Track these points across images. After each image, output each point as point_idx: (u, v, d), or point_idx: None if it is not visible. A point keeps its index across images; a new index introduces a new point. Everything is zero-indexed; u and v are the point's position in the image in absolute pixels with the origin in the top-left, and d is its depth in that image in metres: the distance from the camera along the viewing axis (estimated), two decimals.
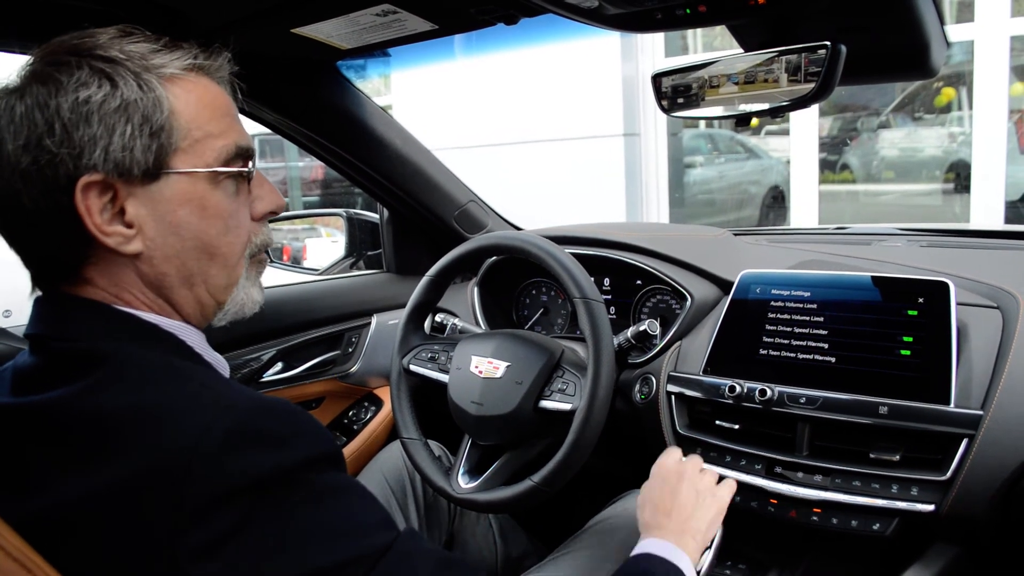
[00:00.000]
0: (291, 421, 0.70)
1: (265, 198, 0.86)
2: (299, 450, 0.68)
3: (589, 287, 1.26)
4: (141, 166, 0.74)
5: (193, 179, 0.77)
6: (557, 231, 1.77)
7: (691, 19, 1.01)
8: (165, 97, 0.75)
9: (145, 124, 0.73)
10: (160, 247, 0.77)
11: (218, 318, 0.86)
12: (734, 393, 1.28)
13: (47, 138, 0.71)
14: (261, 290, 0.89)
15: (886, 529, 1.14)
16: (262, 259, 0.89)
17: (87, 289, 0.77)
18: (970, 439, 1.10)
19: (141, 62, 0.75)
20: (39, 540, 0.65)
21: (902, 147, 5.93)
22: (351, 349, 1.88)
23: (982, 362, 1.16)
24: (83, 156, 0.71)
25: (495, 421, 1.29)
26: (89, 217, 0.72)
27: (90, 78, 0.72)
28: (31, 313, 0.78)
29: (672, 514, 1.10)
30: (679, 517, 1.09)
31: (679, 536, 1.07)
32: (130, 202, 0.74)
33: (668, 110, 1.15)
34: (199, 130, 0.77)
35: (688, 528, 1.08)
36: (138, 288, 0.78)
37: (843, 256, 1.49)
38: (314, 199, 9.01)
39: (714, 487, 1.15)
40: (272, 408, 0.69)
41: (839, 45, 0.96)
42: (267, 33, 1.35)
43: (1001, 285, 1.27)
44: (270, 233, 0.89)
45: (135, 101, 0.73)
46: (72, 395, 0.69)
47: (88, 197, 0.72)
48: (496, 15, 1.21)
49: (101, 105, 0.72)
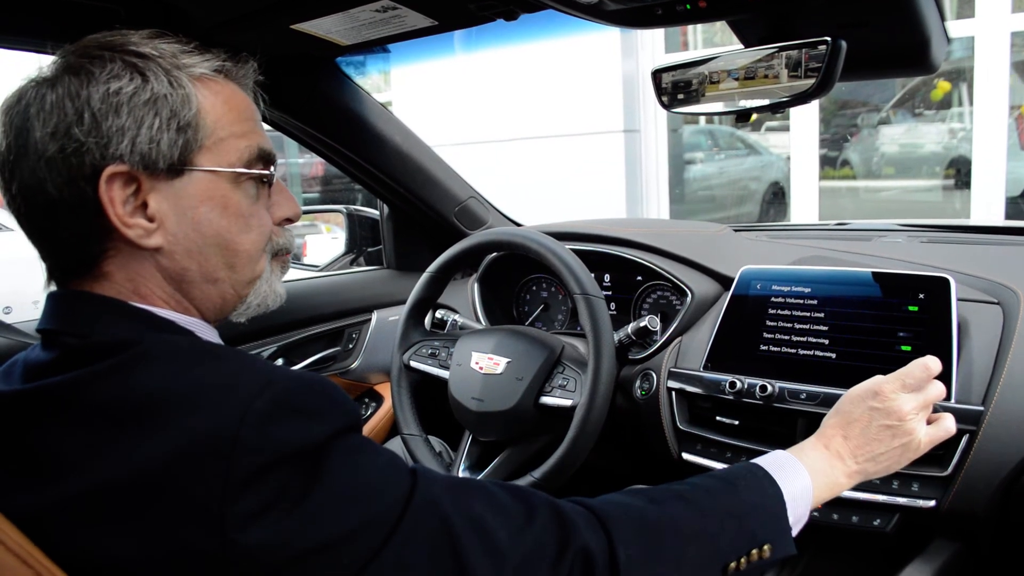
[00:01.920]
0: (327, 394, 0.72)
1: (283, 205, 0.87)
2: (335, 421, 0.70)
3: (589, 283, 1.26)
4: (167, 159, 0.75)
5: (216, 177, 0.78)
6: (557, 227, 1.77)
7: (691, 15, 1.01)
8: (194, 95, 0.76)
9: (173, 119, 0.75)
10: (181, 242, 0.77)
11: (239, 312, 0.86)
12: (735, 389, 1.28)
13: (76, 127, 0.72)
14: (283, 285, 0.91)
15: (887, 525, 1.14)
16: (285, 261, 0.90)
17: (104, 285, 0.77)
18: (971, 435, 1.10)
19: (172, 60, 0.77)
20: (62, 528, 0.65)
21: (902, 143, 5.93)
22: (351, 345, 1.88)
23: (983, 358, 1.16)
24: (110, 146, 0.73)
25: (496, 417, 1.29)
26: (112, 207, 0.73)
27: (122, 71, 0.73)
28: (44, 308, 0.78)
29: (851, 439, 0.96)
30: (857, 446, 0.95)
31: (833, 462, 0.94)
32: (153, 196, 0.75)
33: (668, 106, 1.15)
34: (224, 130, 0.79)
35: (853, 461, 0.94)
36: (156, 283, 0.78)
37: (843, 252, 1.49)
38: (314, 195, 9.02)
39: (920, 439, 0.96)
40: (310, 382, 0.72)
41: (839, 41, 0.96)
42: (266, 29, 1.34)
43: (1002, 281, 1.27)
44: (292, 238, 0.90)
45: (164, 96, 0.74)
46: (94, 375, 0.69)
47: (112, 188, 0.73)
48: (496, 11, 1.21)
49: (132, 97, 0.73)
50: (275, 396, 0.67)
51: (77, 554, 0.64)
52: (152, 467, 0.64)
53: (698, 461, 1.31)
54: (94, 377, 0.69)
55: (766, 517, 0.86)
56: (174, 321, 0.79)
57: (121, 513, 0.65)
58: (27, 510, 0.65)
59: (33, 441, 0.69)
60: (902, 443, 0.95)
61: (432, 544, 0.70)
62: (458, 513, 0.72)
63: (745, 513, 0.84)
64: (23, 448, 0.69)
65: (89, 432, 0.67)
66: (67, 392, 0.69)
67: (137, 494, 0.64)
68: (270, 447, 0.65)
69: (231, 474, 0.63)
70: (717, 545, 0.81)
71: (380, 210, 2.09)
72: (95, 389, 0.69)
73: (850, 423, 0.97)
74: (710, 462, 1.30)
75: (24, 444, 0.69)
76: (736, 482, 0.87)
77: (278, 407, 0.67)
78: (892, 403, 0.95)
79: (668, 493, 0.84)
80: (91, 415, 0.68)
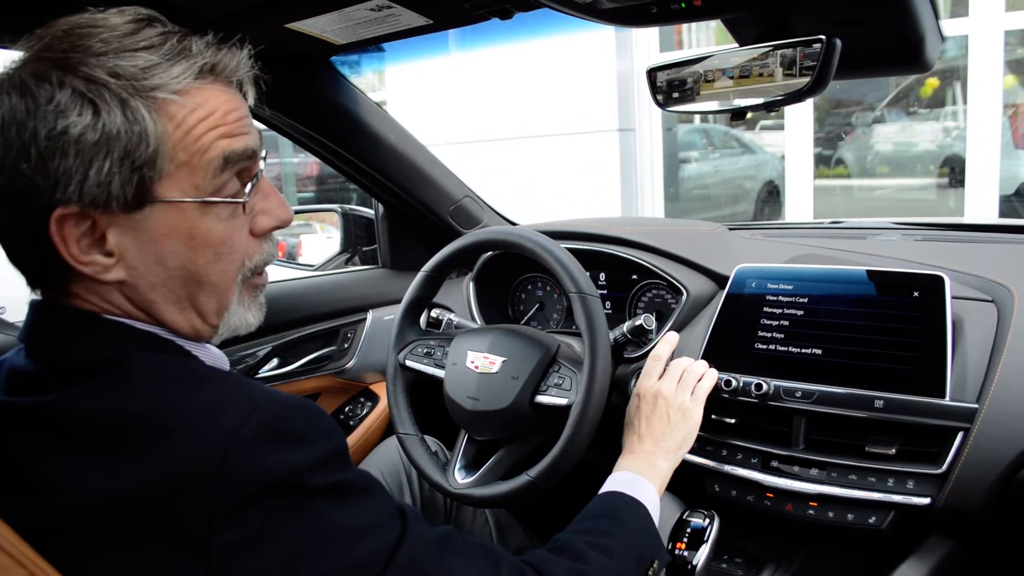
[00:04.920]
0: (312, 419, 0.71)
1: (271, 212, 0.80)
2: (320, 447, 0.69)
3: (585, 282, 1.26)
4: (120, 200, 0.69)
5: (180, 208, 0.72)
6: (552, 226, 1.77)
7: (686, 13, 1.01)
8: (152, 128, 0.69)
9: (126, 159, 0.68)
10: (144, 275, 0.73)
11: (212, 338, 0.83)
12: (730, 387, 1.28)
13: (23, 162, 0.67)
14: (259, 310, 0.85)
15: (882, 522, 1.15)
16: (256, 283, 0.84)
17: (76, 301, 0.74)
18: (965, 432, 1.10)
19: (133, 84, 0.68)
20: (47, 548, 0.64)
21: (896, 142, 5.94)
22: (347, 345, 1.88)
23: (977, 355, 1.17)
24: (57, 189, 0.67)
25: (491, 416, 1.29)
26: (64, 246, 0.69)
27: (71, 103, 0.67)
28: (27, 316, 0.77)
29: (645, 437, 1.18)
30: (651, 438, 1.18)
31: (649, 458, 1.15)
32: (111, 231, 0.71)
33: (663, 104, 1.15)
34: (185, 152, 0.71)
35: (659, 449, 1.17)
36: (126, 307, 0.75)
37: (838, 250, 1.49)
38: (309, 195, 9.00)
39: (688, 404, 1.21)
40: (296, 406, 0.70)
41: (834, 39, 0.96)
42: (261, 28, 1.34)
43: (996, 279, 1.28)
44: (272, 249, 0.83)
45: (117, 133, 0.68)
46: (78, 396, 0.68)
47: (64, 227, 0.69)
48: (490, 10, 1.21)
49: (79, 138, 0.67)
50: (261, 422, 0.66)
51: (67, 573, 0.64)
52: (136, 491, 0.63)
53: (694, 460, 1.31)
54: (79, 398, 0.68)
55: (648, 536, 1.04)
56: (155, 333, 0.76)
57: (105, 535, 0.64)
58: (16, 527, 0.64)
59: (17, 457, 0.68)
60: (677, 415, 1.19)
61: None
62: (437, 569, 0.75)
63: (636, 541, 1.01)
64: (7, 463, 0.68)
65: (75, 453, 0.66)
66: (52, 412, 0.68)
67: (121, 517, 0.64)
68: (257, 475, 0.64)
69: (217, 504, 0.62)
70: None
71: (375, 209, 2.09)
72: (80, 409, 0.67)
73: (634, 428, 1.21)
74: (706, 460, 1.31)
75: (8, 460, 0.68)
76: (619, 515, 1.04)
77: (264, 433, 0.66)
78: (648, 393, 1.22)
79: (584, 545, 0.95)
80: (77, 436, 0.67)
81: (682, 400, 1.21)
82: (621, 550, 0.98)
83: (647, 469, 1.14)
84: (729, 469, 1.27)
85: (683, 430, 1.19)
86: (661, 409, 1.20)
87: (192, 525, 0.62)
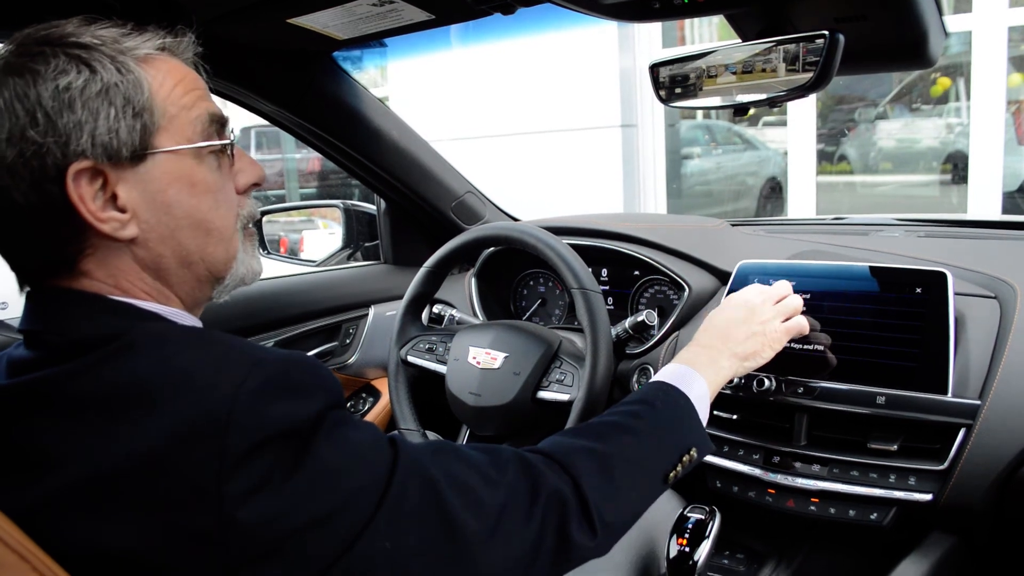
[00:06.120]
0: (314, 372, 0.74)
1: (246, 170, 0.87)
2: (322, 398, 0.72)
3: (587, 278, 1.26)
4: (128, 147, 0.74)
5: (178, 157, 0.78)
6: (555, 222, 1.77)
7: (688, 8, 1.01)
8: (143, 77, 0.76)
9: (128, 105, 0.74)
10: (155, 228, 0.77)
11: (217, 292, 0.87)
12: (731, 383, 1.28)
13: (31, 129, 0.70)
14: (259, 260, 0.91)
15: (884, 519, 1.15)
16: (252, 232, 0.90)
17: (83, 282, 0.76)
18: (968, 429, 1.10)
19: (115, 46, 0.75)
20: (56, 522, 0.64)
21: (899, 138, 5.93)
22: (348, 340, 1.88)
23: (980, 352, 1.17)
24: (70, 143, 0.71)
25: (493, 412, 1.29)
26: (83, 204, 0.72)
27: (68, 65, 0.72)
28: (24, 309, 0.77)
29: (714, 333, 1.12)
30: (721, 337, 1.11)
31: (711, 353, 1.09)
32: (121, 187, 0.74)
33: (666, 100, 1.15)
34: (174, 106, 0.78)
35: (726, 348, 1.10)
36: (136, 275, 0.78)
37: (841, 246, 1.49)
38: (311, 191, 9.00)
39: (776, 323, 1.15)
40: (296, 361, 0.73)
41: (837, 34, 0.95)
42: (263, 24, 1.34)
43: (999, 275, 1.27)
44: (255, 206, 0.90)
45: (116, 84, 0.74)
46: (82, 367, 0.69)
47: (80, 185, 0.72)
48: (493, 5, 1.20)
49: (83, 90, 0.72)
50: (265, 376, 0.69)
51: (73, 547, 0.64)
52: (148, 453, 0.65)
53: None
54: (81, 369, 0.69)
55: (686, 424, 0.99)
56: (157, 312, 0.78)
57: (118, 502, 0.65)
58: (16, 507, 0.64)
59: (18, 437, 0.69)
60: (759, 328, 1.13)
61: (420, 504, 0.74)
62: (439, 473, 0.77)
63: (670, 427, 0.98)
64: (8, 445, 0.69)
65: (79, 424, 0.67)
66: (53, 386, 0.69)
67: (133, 481, 0.65)
68: (263, 425, 0.66)
69: (226, 453, 0.64)
70: (657, 462, 0.94)
71: (377, 205, 2.09)
72: (83, 381, 0.69)
73: (706, 324, 1.14)
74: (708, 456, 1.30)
75: (9, 441, 0.69)
76: (654, 402, 0.99)
77: (268, 386, 0.68)
78: (738, 298, 1.17)
79: (607, 427, 0.94)
80: (80, 407, 0.68)
81: (771, 317, 1.15)
82: (651, 433, 0.95)
83: (706, 365, 1.06)
84: (730, 465, 1.27)
85: (760, 342, 1.13)
86: (744, 315, 1.14)
87: (202, 477, 0.64)
